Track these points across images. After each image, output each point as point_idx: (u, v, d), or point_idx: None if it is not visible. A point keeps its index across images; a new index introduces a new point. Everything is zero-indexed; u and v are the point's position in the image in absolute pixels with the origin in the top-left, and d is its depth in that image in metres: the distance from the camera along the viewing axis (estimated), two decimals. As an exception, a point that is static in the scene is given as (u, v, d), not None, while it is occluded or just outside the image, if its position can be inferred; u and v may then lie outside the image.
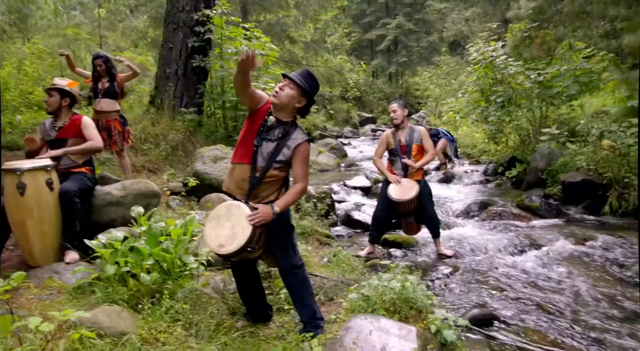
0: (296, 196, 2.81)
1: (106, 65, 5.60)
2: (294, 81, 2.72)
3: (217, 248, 2.63)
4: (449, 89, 20.95)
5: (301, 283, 2.86)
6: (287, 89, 2.71)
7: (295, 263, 2.84)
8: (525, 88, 8.21)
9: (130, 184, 4.21)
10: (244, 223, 2.62)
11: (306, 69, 2.81)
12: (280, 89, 2.72)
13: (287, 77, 2.75)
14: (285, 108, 2.76)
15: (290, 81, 2.73)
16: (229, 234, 2.62)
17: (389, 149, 4.91)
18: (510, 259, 4.93)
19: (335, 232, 6.22)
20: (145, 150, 7.33)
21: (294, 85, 2.72)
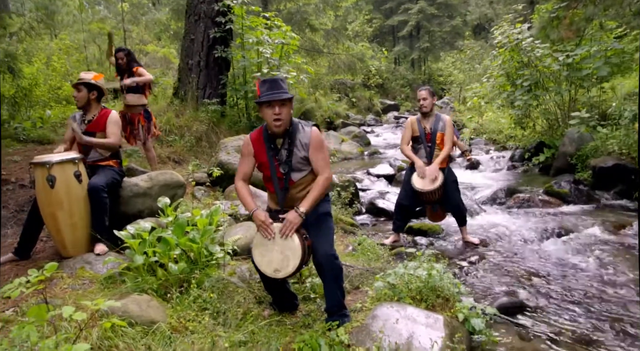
0: (320, 188, 2.78)
1: (127, 58, 5.67)
2: (283, 99, 2.67)
3: (273, 273, 2.70)
4: (473, 74, 20.50)
5: (337, 273, 2.85)
6: (283, 110, 2.69)
7: (334, 252, 2.84)
8: (552, 71, 7.98)
9: (156, 176, 4.27)
10: (292, 244, 2.67)
11: (270, 78, 2.78)
12: (278, 115, 2.68)
13: (274, 102, 2.67)
14: (287, 122, 2.77)
15: (279, 102, 2.67)
16: (281, 258, 2.68)
17: (413, 136, 4.83)
18: (539, 247, 4.84)
19: (359, 220, 6.21)
20: (170, 141, 7.43)
21: (285, 101, 2.69)
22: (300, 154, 2.79)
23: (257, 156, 2.87)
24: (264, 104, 2.71)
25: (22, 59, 9.37)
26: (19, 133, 7.07)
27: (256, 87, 2.82)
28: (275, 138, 2.81)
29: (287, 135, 2.79)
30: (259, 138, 2.86)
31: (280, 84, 2.74)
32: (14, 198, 5.03)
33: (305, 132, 2.80)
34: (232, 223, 4.35)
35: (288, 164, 2.79)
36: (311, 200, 2.74)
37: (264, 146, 2.83)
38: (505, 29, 8.46)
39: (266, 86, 2.72)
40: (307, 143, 2.78)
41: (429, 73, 31.25)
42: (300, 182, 2.85)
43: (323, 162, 2.81)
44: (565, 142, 7.46)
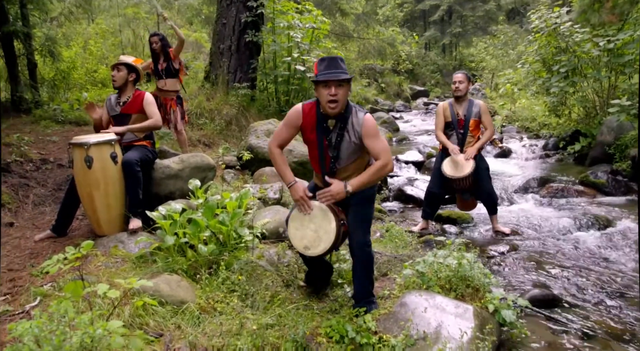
0: (375, 174, 2.66)
1: (162, 43, 5.72)
2: (341, 79, 2.55)
3: (303, 249, 2.69)
4: (506, 60, 19.95)
5: (369, 261, 2.83)
6: (339, 91, 2.57)
7: (369, 240, 2.81)
8: (592, 57, 7.67)
9: (187, 158, 4.32)
10: (328, 227, 2.64)
11: (329, 56, 2.67)
12: (334, 97, 2.56)
13: (331, 81, 2.55)
14: (343, 105, 2.67)
15: (336, 82, 2.55)
16: (314, 237, 2.67)
17: (445, 122, 4.73)
18: (573, 238, 4.71)
19: (387, 207, 6.16)
20: (200, 125, 7.51)
21: (343, 82, 2.58)
22: (351, 139, 2.69)
23: (305, 131, 2.77)
24: (320, 84, 2.58)
25: (61, 43, 9.61)
26: (57, 114, 7.29)
27: (314, 68, 2.71)
28: (327, 118, 2.71)
29: (341, 118, 2.69)
30: (311, 113, 2.74)
31: (340, 63, 2.62)
32: (52, 177, 5.18)
33: (358, 119, 2.68)
34: (260, 206, 4.38)
35: (337, 148, 2.72)
36: (362, 181, 2.65)
37: (315, 123, 2.73)
38: (543, 13, 8.16)
39: (324, 65, 2.61)
40: (359, 130, 2.67)
41: (460, 59, 30.54)
42: (346, 168, 2.78)
43: (381, 146, 2.67)
44: (604, 131, 7.20)
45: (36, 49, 7.93)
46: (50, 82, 8.87)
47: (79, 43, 11.12)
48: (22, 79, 7.74)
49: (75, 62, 9.41)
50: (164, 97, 5.73)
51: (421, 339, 2.53)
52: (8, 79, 7.65)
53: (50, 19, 11.45)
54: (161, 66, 5.72)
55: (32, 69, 7.88)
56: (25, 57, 7.70)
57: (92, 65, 10.30)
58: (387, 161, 2.66)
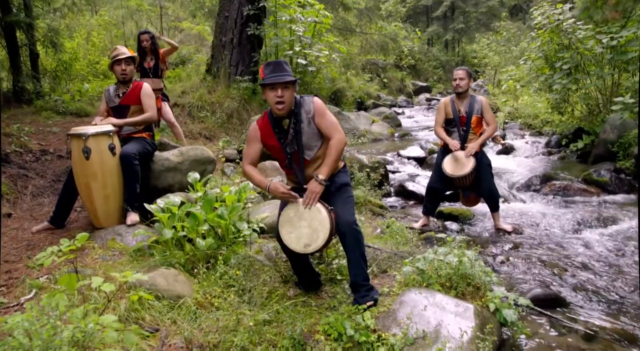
0: (335, 151, 2.76)
1: (152, 41, 5.69)
2: (286, 81, 2.65)
3: (304, 248, 2.66)
4: (508, 56, 19.83)
5: (359, 241, 2.81)
6: (286, 93, 2.67)
7: (355, 219, 2.81)
8: (595, 54, 7.58)
9: (187, 151, 4.28)
10: (319, 216, 2.65)
11: (274, 61, 2.77)
12: (280, 98, 2.67)
13: (277, 84, 2.65)
14: (290, 104, 2.76)
15: (282, 85, 2.65)
16: (310, 232, 2.65)
17: (447, 118, 4.68)
18: (576, 237, 4.66)
19: (388, 203, 6.12)
20: (201, 117, 7.46)
21: (288, 84, 2.68)
22: (309, 128, 2.79)
23: (266, 141, 2.88)
24: (267, 87, 2.70)
25: (64, 34, 9.56)
26: (58, 105, 7.26)
27: (260, 73, 2.80)
28: (280, 120, 2.81)
29: (292, 114, 2.79)
30: (265, 122, 2.86)
31: (284, 66, 2.73)
32: (52, 168, 5.15)
33: (306, 104, 2.80)
34: (260, 200, 4.34)
35: (297, 141, 2.79)
36: (328, 166, 2.74)
37: (272, 130, 2.83)
38: (546, 9, 8.06)
39: (269, 69, 2.72)
40: (312, 114, 2.78)
41: (462, 55, 30.39)
42: (315, 158, 2.84)
43: (330, 124, 2.80)
44: (607, 129, 7.13)
45: (38, 40, 7.88)
46: (52, 73, 8.83)
47: (82, 34, 11.07)
48: (24, 70, 7.69)
49: (78, 53, 9.36)
50: None
51: (420, 338, 2.50)
52: (10, 69, 7.61)
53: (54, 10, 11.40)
54: (148, 65, 5.71)
55: (34, 59, 7.84)
56: (28, 47, 7.66)
57: (94, 56, 10.27)
58: (341, 135, 2.78)
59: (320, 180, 2.70)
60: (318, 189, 2.69)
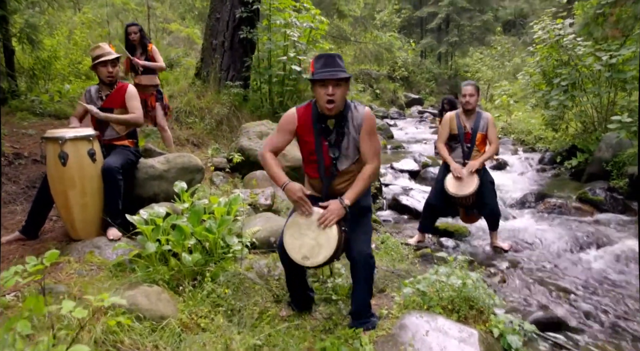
0: (367, 179, 2.56)
1: (140, 34, 5.43)
2: (339, 78, 2.42)
3: (301, 259, 2.45)
4: (502, 71, 19.95)
5: (370, 273, 2.62)
6: (337, 91, 2.44)
7: (371, 251, 2.61)
8: (593, 71, 7.53)
9: (173, 158, 4.06)
10: (329, 232, 2.44)
11: (326, 54, 2.52)
12: (331, 96, 2.42)
13: (328, 80, 2.41)
14: (341, 104, 2.53)
15: (334, 81, 2.42)
16: (313, 244, 2.44)
17: (451, 134, 4.53)
18: (574, 257, 4.53)
19: (382, 217, 5.95)
20: (190, 123, 7.23)
21: (341, 81, 2.44)
22: (352, 135, 2.56)
23: (302, 134, 2.59)
24: (317, 83, 2.45)
25: (44, 31, 9.18)
26: (35, 106, 6.87)
27: (310, 66, 2.55)
28: (326, 118, 2.56)
29: (340, 116, 2.54)
30: (307, 114, 2.58)
31: (338, 61, 2.47)
32: (26, 173, 4.86)
33: (358, 112, 2.56)
34: (251, 213, 4.13)
35: (338, 147, 2.56)
36: (357, 192, 2.52)
37: (312, 125, 2.56)
38: (547, 24, 8.02)
39: (321, 62, 2.46)
40: (360, 124, 2.55)
41: (455, 68, 30.53)
42: (346, 171, 2.62)
43: (374, 148, 2.58)
44: (602, 147, 7.07)
45: (14, 35, 7.44)
46: (29, 71, 8.38)
47: (63, 32, 10.66)
48: (-2, 67, 7.28)
49: (58, 51, 8.95)
50: (143, 93, 5.39)
51: (424, 369, 2.31)
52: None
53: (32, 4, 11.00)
54: (138, 59, 5.43)
55: (9, 56, 7.36)
56: (2, 42, 7.19)
57: (76, 56, 9.85)
58: (378, 164, 2.60)
59: (345, 205, 2.47)
60: (340, 212, 2.46)
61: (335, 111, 2.49)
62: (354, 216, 2.59)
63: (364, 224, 2.66)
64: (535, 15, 16.37)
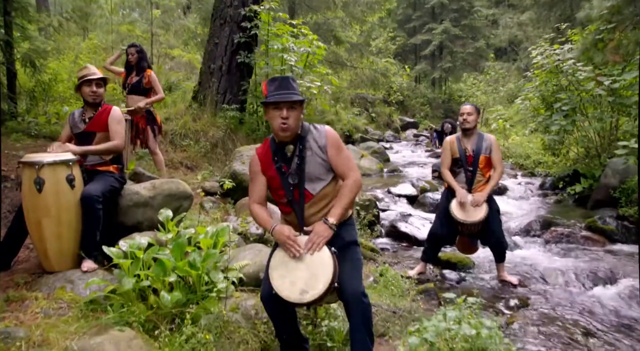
0: (350, 194, 2.37)
1: (139, 55, 5.23)
2: (293, 101, 2.30)
3: (299, 296, 2.18)
4: (495, 96, 19.99)
5: (367, 314, 2.33)
6: (292, 114, 2.31)
7: (364, 289, 2.35)
8: (594, 96, 7.38)
9: (160, 184, 3.80)
10: (321, 259, 2.22)
11: (280, 76, 2.40)
12: (285, 119, 2.29)
13: (282, 103, 2.28)
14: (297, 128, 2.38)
15: (287, 104, 2.29)
16: (308, 276, 2.20)
17: (453, 158, 4.30)
18: (588, 294, 4.22)
19: (379, 244, 5.67)
20: (184, 146, 7.01)
21: (295, 104, 2.32)
22: (317, 158, 2.39)
23: (265, 172, 2.46)
24: (270, 106, 2.33)
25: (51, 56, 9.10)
26: (31, 128, 6.69)
27: (263, 89, 2.40)
28: (284, 145, 2.41)
29: (298, 139, 2.39)
30: (265, 150, 2.49)
31: (291, 83, 2.35)
32: (10, 197, 4.58)
33: (319, 132, 2.41)
34: (240, 243, 3.85)
35: (300, 172, 2.37)
36: (340, 208, 2.34)
37: (272, 156, 2.44)
38: (545, 49, 7.90)
39: (275, 85, 2.33)
40: (324, 144, 2.38)
41: (449, 93, 30.77)
42: (320, 195, 2.41)
43: (347, 161, 2.41)
44: (608, 173, 6.85)
45: (17, 59, 7.38)
46: (29, 92, 8.29)
47: (69, 57, 10.64)
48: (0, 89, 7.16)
49: (60, 74, 8.86)
50: (134, 116, 5.19)
51: None
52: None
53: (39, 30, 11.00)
54: (130, 80, 5.23)
55: (11, 78, 7.30)
56: (5, 66, 7.14)
57: (78, 80, 9.74)
58: (358, 176, 2.42)
59: (331, 224, 2.29)
60: (326, 233, 2.28)
61: (291, 135, 2.35)
62: (341, 252, 2.35)
63: (353, 259, 2.41)
64: (529, 42, 16.43)
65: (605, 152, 7.64)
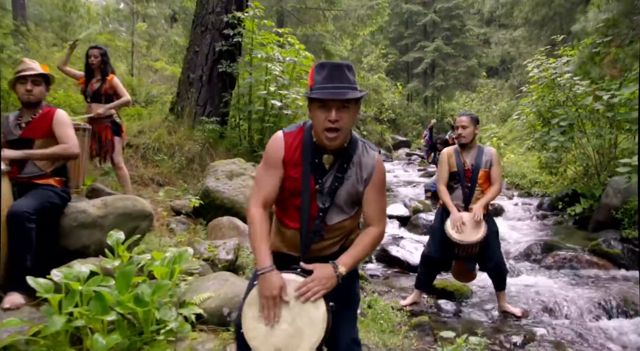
0: (370, 246, 1.88)
1: (102, 58, 4.71)
2: (347, 99, 1.72)
3: None
4: (488, 114, 19.81)
5: None
6: (344, 116, 1.73)
7: (357, 336, 1.93)
8: (593, 111, 7.03)
9: (113, 201, 3.29)
10: (312, 312, 1.70)
11: (331, 62, 1.80)
12: (334, 123, 1.72)
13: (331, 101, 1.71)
14: (347, 135, 1.83)
15: (339, 102, 1.71)
16: (290, 333, 1.68)
17: (450, 171, 3.84)
18: (597, 327, 3.76)
19: (369, 271, 5.20)
20: (157, 161, 6.49)
21: (350, 102, 1.74)
22: (354, 187, 1.86)
23: (287, 167, 1.86)
24: (315, 102, 1.74)
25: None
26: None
27: (309, 78, 1.83)
28: (322, 152, 1.84)
29: (342, 154, 1.85)
30: (297, 142, 1.87)
31: (347, 73, 1.74)
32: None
33: (369, 157, 1.87)
34: (207, 270, 3.35)
35: (331, 195, 1.84)
36: (355, 259, 1.83)
37: (302, 156, 1.85)
38: (542, 62, 7.58)
39: (323, 74, 1.73)
40: (369, 174, 1.86)
41: (441, 112, 30.64)
42: (335, 227, 1.89)
43: (382, 208, 1.92)
44: (609, 193, 6.44)
45: None
46: (-11, 102, 7.76)
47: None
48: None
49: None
50: (97, 126, 4.67)
51: None
52: None
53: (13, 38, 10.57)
54: (92, 87, 4.69)
55: None
56: None
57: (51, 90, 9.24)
58: (383, 228, 1.94)
59: (340, 273, 1.76)
60: (330, 283, 1.73)
61: (338, 143, 1.79)
62: (340, 291, 1.84)
63: (353, 301, 1.97)
64: (522, 58, 16.27)
65: (605, 171, 7.25)
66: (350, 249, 1.84)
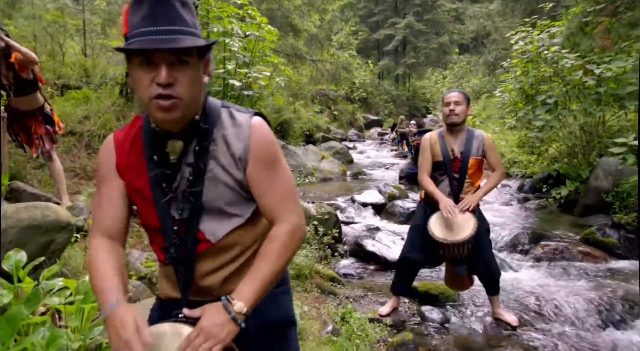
0: (285, 252, 1.23)
1: None
2: (187, 48, 1.11)
3: None
4: (461, 92, 19.42)
5: None
6: (182, 75, 1.13)
7: None
8: (581, 88, 6.56)
9: (15, 211, 2.58)
10: None
11: None
12: (167, 88, 1.11)
13: (156, 52, 1.10)
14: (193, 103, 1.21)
15: (167, 55, 1.10)
16: None
17: (434, 161, 3.25)
18: (601, 335, 3.30)
19: (342, 269, 4.65)
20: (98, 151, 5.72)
21: (186, 55, 1.12)
22: (225, 175, 1.23)
23: (125, 174, 1.28)
24: (134, 58, 1.13)
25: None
26: None
27: (122, 23, 1.18)
28: (165, 138, 1.23)
29: (194, 131, 1.23)
30: (132, 136, 1.29)
31: (179, 10, 1.13)
32: None
33: (239, 125, 1.25)
34: (142, 292, 2.70)
35: (192, 198, 1.22)
36: (260, 284, 1.18)
37: (142, 154, 1.26)
38: (529, 33, 7.02)
39: (142, 13, 1.11)
40: (245, 148, 1.23)
41: (413, 90, 30.25)
42: (225, 246, 1.27)
43: (284, 192, 1.27)
44: (599, 175, 6.03)
45: None
46: None
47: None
48: None
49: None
50: (23, 119, 3.90)
51: None
52: None
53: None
54: (5, 78, 3.83)
55: None
56: None
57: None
58: (297, 221, 1.26)
59: (237, 312, 1.13)
60: (223, 333, 1.10)
61: (178, 117, 1.16)
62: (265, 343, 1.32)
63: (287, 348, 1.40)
64: (498, 33, 15.82)
65: (593, 151, 6.83)
66: (250, 271, 1.20)
